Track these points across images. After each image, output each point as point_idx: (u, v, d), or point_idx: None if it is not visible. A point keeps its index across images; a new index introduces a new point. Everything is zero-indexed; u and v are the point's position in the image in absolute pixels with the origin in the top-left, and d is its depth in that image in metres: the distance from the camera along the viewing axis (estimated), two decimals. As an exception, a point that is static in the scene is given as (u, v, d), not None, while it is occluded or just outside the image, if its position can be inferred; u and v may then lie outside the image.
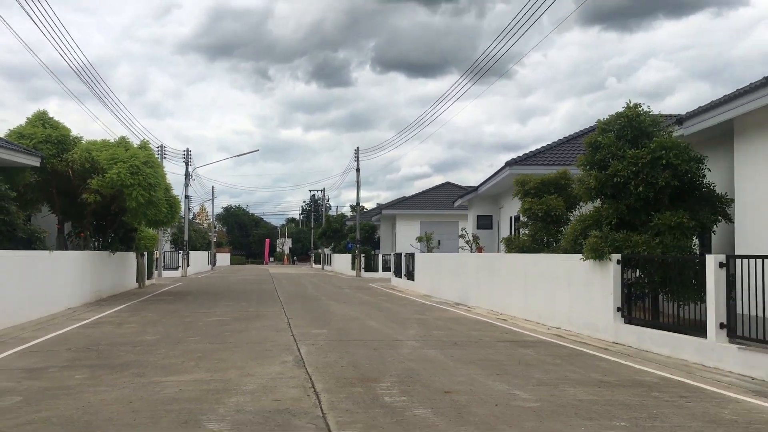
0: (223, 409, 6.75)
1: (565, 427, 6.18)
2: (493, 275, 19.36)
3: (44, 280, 16.68)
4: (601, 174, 13.42)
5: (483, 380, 8.39)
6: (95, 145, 22.36)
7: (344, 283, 35.55)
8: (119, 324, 14.73)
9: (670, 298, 11.49)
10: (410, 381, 8.24)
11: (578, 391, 7.76)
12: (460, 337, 12.86)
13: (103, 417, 6.43)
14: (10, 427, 6.08)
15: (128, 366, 9.31)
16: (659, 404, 7.17)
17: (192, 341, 11.84)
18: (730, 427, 6.30)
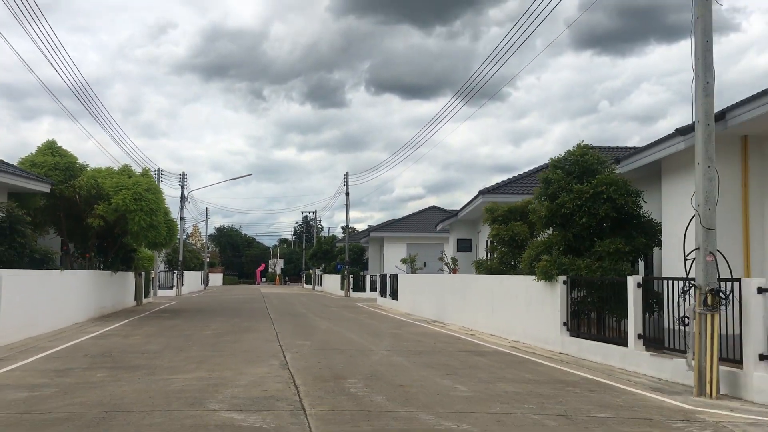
0: (221, 396, 8.55)
1: (485, 407, 8.02)
2: (465, 295, 21.21)
3: (55, 297, 18.41)
4: (552, 205, 15.34)
5: (434, 378, 10.21)
6: (100, 172, 24.20)
7: (332, 302, 37.28)
8: (125, 336, 16.47)
9: (607, 313, 13.37)
10: (374, 378, 10.05)
11: (508, 386, 9.59)
12: (426, 348, 14.68)
13: (127, 401, 8.21)
14: (59, 407, 7.86)
15: (140, 368, 11.07)
16: (568, 395, 9.02)
17: (192, 350, 13.61)
18: (614, 409, 8.15)
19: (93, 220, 22.76)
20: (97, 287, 23.12)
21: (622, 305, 12.62)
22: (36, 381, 9.80)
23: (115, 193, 22.39)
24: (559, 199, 15.12)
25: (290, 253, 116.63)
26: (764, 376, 8.77)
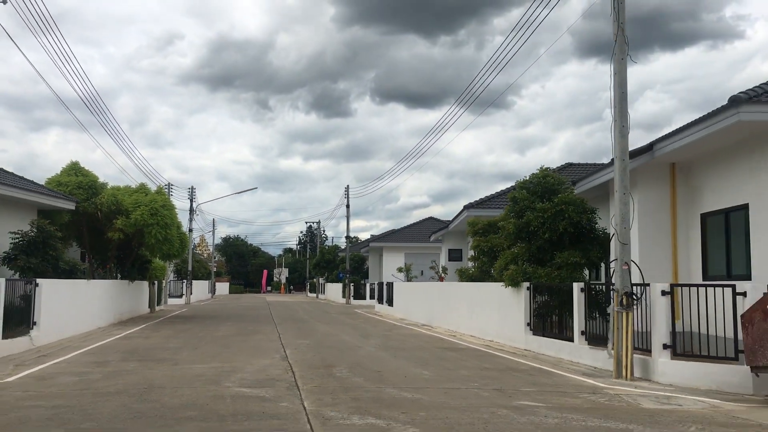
0: (233, 378, 10.80)
1: (439, 385, 10.25)
2: (449, 301, 23.44)
3: (82, 303, 20.71)
4: (518, 222, 17.57)
5: (406, 367, 12.45)
6: (119, 190, 26.58)
7: (333, 309, 39.52)
8: (146, 338, 18.75)
9: (562, 314, 15.56)
10: (357, 367, 12.30)
11: (465, 372, 11.82)
12: (409, 346, 16.91)
13: (159, 382, 10.45)
14: (108, 385, 10.13)
15: (164, 360, 13.34)
16: (510, 377, 11.25)
17: (206, 347, 15.87)
18: (541, 386, 10.36)
19: (113, 234, 25.08)
20: (116, 295, 25.43)
21: (572, 307, 14.84)
22: (82, 369, 12.06)
23: (134, 210, 24.73)
24: (525, 217, 17.34)
25: (295, 262, 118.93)
26: (667, 362, 10.97)
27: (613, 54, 11.73)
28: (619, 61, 11.70)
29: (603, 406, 8.77)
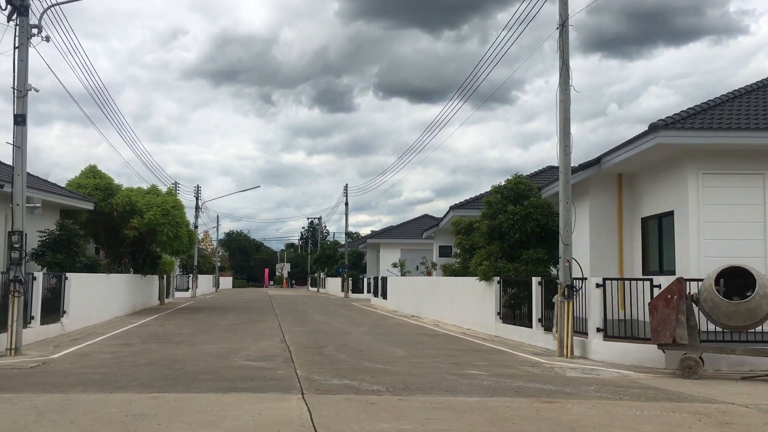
0: (240, 355, 13.08)
1: (408, 360, 12.52)
2: (435, 293, 25.72)
3: (103, 295, 23.02)
4: (492, 223, 19.82)
5: (385, 348, 14.74)
6: (133, 191, 28.86)
7: (331, 302, 41.84)
8: (161, 325, 21.06)
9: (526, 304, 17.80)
10: (343, 347, 14.58)
11: (433, 351, 14.10)
12: (393, 332, 19.20)
13: (179, 357, 12.73)
14: (137, 360, 12.42)
15: (181, 342, 15.63)
16: (470, 355, 13.52)
17: (216, 333, 18.17)
18: (492, 361, 12.63)
19: (128, 232, 27.37)
20: (131, 288, 27.75)
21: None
22: (112, 349, 14.36)
23: (147, 210, 27.02)
24: (498, 219, 19.60)
25: (297, 257, 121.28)
26: (600, 342, 13.22)
27: (559, 85, 13.95)
28: (564, 90, 13.92)
29: (534, 375, 11.05)
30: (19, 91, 13.79)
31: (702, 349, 11.32)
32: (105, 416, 7.25)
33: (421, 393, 8.95)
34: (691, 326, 11.25)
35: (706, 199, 13.52)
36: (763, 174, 13.53)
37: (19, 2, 13.69)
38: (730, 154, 13.56)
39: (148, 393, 8.71)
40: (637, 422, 7.29)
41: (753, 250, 13.37)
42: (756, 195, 13.49)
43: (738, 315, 10.76)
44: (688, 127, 13.17)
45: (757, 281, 10.64)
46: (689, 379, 10.84)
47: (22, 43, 13.85)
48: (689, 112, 13.96)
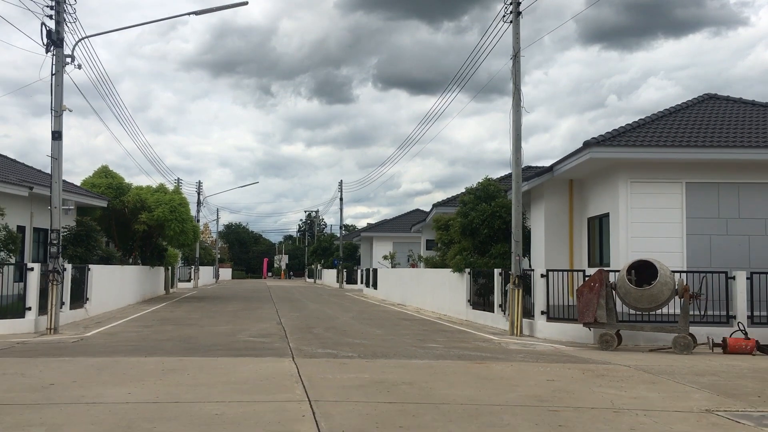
0: (243, 334, 15.69)
1: (382, 337, 15.15)
2: (418, 284, 28.36)
3: (118, 284, 25.62)
4: (464, 220, 22.43)
5: (366, 328, 17.37)
6: (142, 189, 31.42)
7: (326, 292, 44.49)
8: (171, 312, 23.67)
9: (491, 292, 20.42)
10: (330, 328, 17.21)
11: (407, 331, 16.73)
12: (377, 317, 21.84)
13: (192, 335, 15.33)
14: (159, 338, 15.04)
15: (192, 324, 18.25)
16: (435, 333, 16.15)
17: (221, 317, 20.79)
18: (452, 338, 15.26)
19: (138, 227, 29.96)
20: (141, 278, 30.36)
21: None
22: (135, 329, 16.97)
23: (156, 207, 29.60)
24: (470, 216, 22.22)
25: (295, 249, 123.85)
26: (543, 323, 15.84)
27: (512, 107, 16.52)
28: (516, 111, 16.49)
29: (481, 347, 13.68)
30: (56, 111, 16.34)
31: (618, 327, 13.97)
32: (146, 370, 9.86)
33: (384, 358, 11.58)
34: (609, 309, 13.89)
35: (634, 203, 16.12)
36: (681, 182, 16.12)
37: (56, 36, 16.22)
38: (654, 165, 16.15)
39: (174, 357, 11.34)
40: (535, 374, 9.91)
41: (672, 246, 15.98)
42: (675, 200, 16.09)
43: (644, 299, 13.39)
44: (615, 144, 15.77)
45: (659, 272, 13.26)
46: (606, 351, 13.47)
47: (58, 71, 16.39)
48: (620, 130, 16.57)
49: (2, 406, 7.33)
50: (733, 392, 8.71)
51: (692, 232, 16.03)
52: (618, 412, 7.37)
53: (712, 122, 17.51)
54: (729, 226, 16.06)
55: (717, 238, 16.04)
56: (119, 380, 9.02)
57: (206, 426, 6.47)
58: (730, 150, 15.88)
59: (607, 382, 9.39)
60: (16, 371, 9.72)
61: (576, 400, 8.04)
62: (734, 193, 16.13)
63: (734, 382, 9.58)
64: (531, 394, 8.34)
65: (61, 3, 16.39)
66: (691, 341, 13.23)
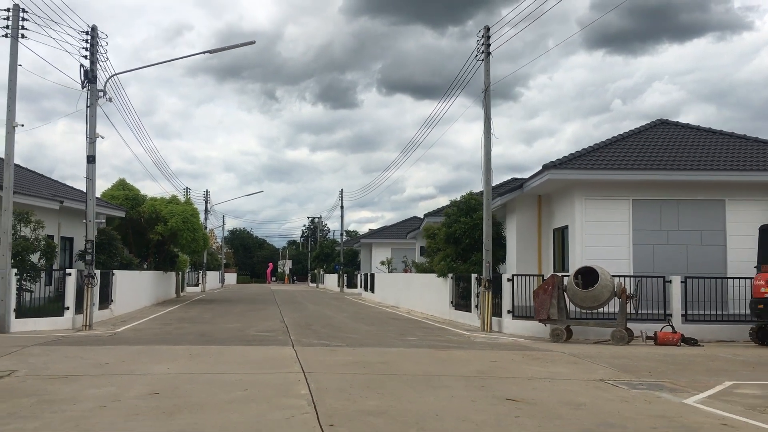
0: (251, 330, 18.31)
1: (370, 331, 17.75)
2: (409, 287, 30.96)
3: (137, 288, 28.27)
4: (448, 230, 25.02)
5: (358, 326, 19.98)
6: (156, 201, 34.10)
7: (327, 296, 47.10)
8: (185, 312, 26.31)
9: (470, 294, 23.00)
10: (327, 325, 19.82)
11: (393, 327, 19.34)
12: (369, 317, 24.44)
13: (208, 331, 17.94)
14: (179, 333, 17.67)
15: (206, 323, 20.86)
16: (417, 330, 18.74)
17: (230, 317, 23.42)
18: (430, 332, 17.85)
19: (154, 236, 32.63)
20: (155, 283, 33.02)
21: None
22: (157, 326, 19.59)
23: (170, 217, 32.28)
24: (453, 227, 24.81)
25: (298, 254, 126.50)
26: (510, 321, 18.41)
27: (483, 134, 19.12)
28: (486, 138, 19.11)
29: (451, 340, 16.27)
30: (90, 139, 19.02)
31: (568, 323, 16.56)
32: (176, 354, 12.48)
33: (368, 347, 14.19)
34: (560, 307, 16.47)
35: (588, 217, 18.71)
36: (628, 199, 18.72)
37: (91, 75, 18.91)
38: (604, 185, 18.74)
39: (197, 345, 13.98)
40: (485, 358, 12.51)
41: (620, 255, 18.56)
42: (623, 214, 18.67)
43: (588, 299, 15.98)
44: (570, 167, 18.39)
45: (600, 276, 15.84)
46: (556, 343, 16.04)
47: (92, 104, 19.07)
48: (576, 154, 19.19)
49: (77, 376, 9.95)
50: (632, 369, 11.29)
51: (638, 242, 18.63)
52: (531, 379, 9.97)
53: (660, 146, 20.12)
54: (669, 237, 18.66)
55: (659, 248, 18.63)
56: (157, 360, 11.65)
57: (230, 385, 9.09)
58: (669, 172, 18.49)
59: (538, 362, 11.99)
60: (75, 355, 12.36)
61: (505, 372, 10.64)
62: (674, 209, 18.72)
63: (639, 363, 12.16)
64: (474, 369, 10.95)
65: (95, 45, 19.08)
66: (626, 334, 15.80)
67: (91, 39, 19.11)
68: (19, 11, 17.61)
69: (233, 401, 8.03)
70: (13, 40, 17.51)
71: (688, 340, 15.97)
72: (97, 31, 19.23)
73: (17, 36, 17.52)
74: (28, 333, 16.89)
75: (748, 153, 19.43)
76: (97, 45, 19.16)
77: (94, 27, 19.24)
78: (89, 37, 19.12)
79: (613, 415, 7.62)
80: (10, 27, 17.54)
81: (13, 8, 17.64)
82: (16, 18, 17.60)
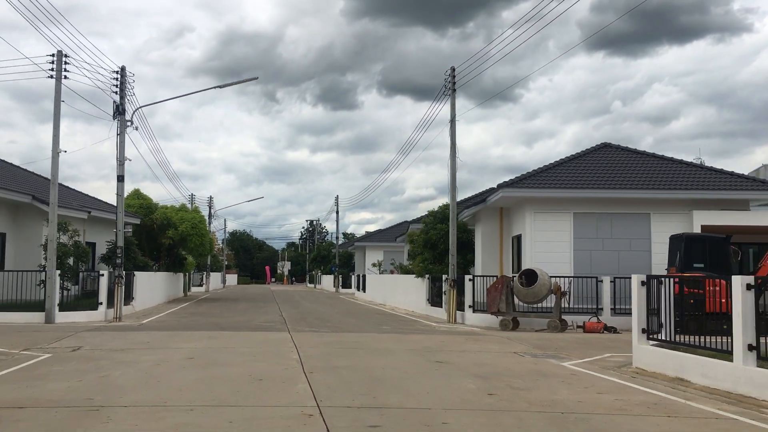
0: (254, 322, 21.97)
1: (353, 322, 21.43)
2: (395, 287, 34.64)
3: (152, 287, 31.93)
4: (426, 236, 28.70)
5: (345, 319, 23.66)
6: (167, 209, 37.82)
7: (323, 295, 50.79)
8: (196, 308, 29.97)
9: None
10: (319, 319, 23.50)
11: (374, 320, 23.02)
12: (356, 312, 28.12)
13: (219, 322, 21.59)
14: (194, 323, 21.34)
15: (216, 316, 24.52)
16: (393, 321, 22.43)
17: (236, 312, 27.09)
18: (403, 324, 21.53)
19: (165, 240, 36.30)
20: (167, 283, 36.70)
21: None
22: (175, 319, 23.23)
23: (180, 224, 35.97)
24: (429, 234, 28.49)
25: (297, 256, 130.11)
26: (471, 314, 22.06)
27: (450, 158, 22.81)
28: (452, 162, 22.83)
29: (419, 329, 19.93)
30: (119, 161, 22.69)
31: (514, 315, 20.23)
32: (198, 337, 16.13)
33: (347, 332, 17.86)
34: (508, 302, 20.15)
35: (537, 227, 22.38)
36: (570, 212, 22.39)
37: (121, 108, 22.58)
38: (550, 201, 22.42)
39: (213, 331, 17.66)
40: (437, 340, 16.16)
41: (563, 259, 22.22)
42: (566, 225, 22.34)
43: (530, 296, 19.64)
44: (521, 186, 22.09)
45: (538, 277, 19.50)
46: (504, 331, 19.69)
47: (121, 132, 22.72)
48: (527, 174, 22.89)
49: (130, 349, 13.61)
50: (544, 347, 14.95)
51: (578, 249, 22.31)
52: (462, 352, 13.65)
53: (600, 168, 23.81)
54: (604, 245, 22.35)
55: (595, 253, 22.31)
56: (185, 340, 15.33)
57: (243, 354, 12.76)
58: (605, 191, 22.19)
59: (476, 342, 15.67)
60: (120, 337, 16.04)
61: (446, 348, 14.32)
62: (608, 221, 22.41)
63: (554, 343, 15.82)
64: (423, 346, 14.63)
65: (124, 83, 22.76)
66: (559, 324, 19.47)
67: (121, 77, 22.80)
68: (62, 57, 21.29)
69: (247, 362, 11.72)
70: (57, 82, 21.20)
71: (609, 328, 19.65)
72: (126, 71, 22.93)
73: (60, 78, 21.20)
74: (70, 323, 20.50)
75: (672, 173, 23.13)
76: (125, 82, 22.83)
77: (123, 67, 22.96)
78: (119, 75, 22.81)
79: (503, 369, 11.30)
80: (55, 70, 21.23)
81: (57, 54, 21.32)
82: (59, 62, 21.27)
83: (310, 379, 9.84)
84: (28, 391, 8.89)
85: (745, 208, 22.40)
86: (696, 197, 21.98)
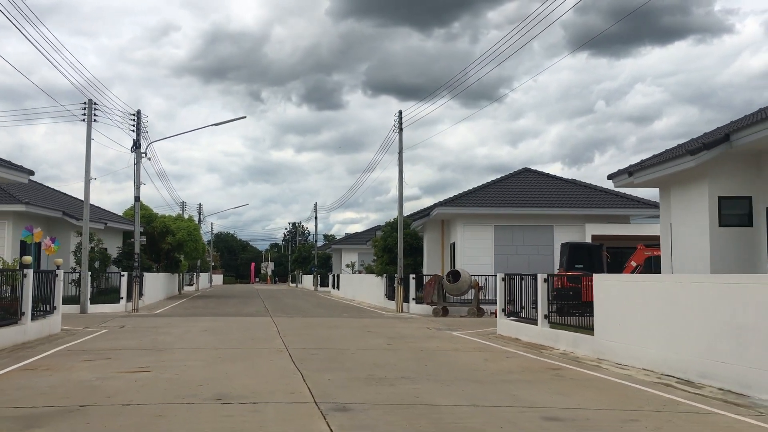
0: (244, 311, 27.99)
1: (324, 314, 27.56)
2: (361, 285, 40.81)
3: (154, 286, 37.80)
4: (384, 242, 34.86)
5: (314, 309, 29.77)
6: (165, 218, 43.68)
7: (302, 293, 56.81)
8: (193, 303, 35.90)
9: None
10: (294, 309, 29.60)
11: (338, 310, 29.18)
12: (326, 305, 34.23)
13: (216, 313, 27.60)
14: (197, 312, 27.35)
15: (212, 308, 30.49)
16: (353, 310, 28.57)
17: (227, 306, 33.07)
18: (361, 313, 27.67)
19: (164, 245, 42.15)
20: (166, 282, 42.57)
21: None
22: (180, 311, 29.16)
23: (178, 232, 41.86)
24: (387, 240, 34.66)
25: (280, 256, 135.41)
26: (414, 305, 28.21)
27: (399, 182, 28.96)
28: (400, 185, 28.97)
29: (371, 315, 26.05)
30: (136, 185, 28.62)
31: (444, 305, 26.43)
32: (205, 320, 22.14)
33: (313, 317, 23.97)
34: (439, 295, 26.35)
35: (466, 237, 28.60)
36: (491, 225, 28.63)
37: (138, 143, 28.50)
38: (476, 216, 28.65)
39: (214, 317, 23.69)
40: (378, 322, 22.30)
41: (486, 262, 28.45)
42: (488, 235, 28.58)
43: (455, 290, 25.85)
44: (452, 205, 28.31)
45: (461, 275, 25.70)
46: (437, 317, 25.87)
47: (136, 162, 28.64)
48: (458, 195, 29.14)
49: (160, 327, 19.59)
50: (452, 325, 21.11)
51: (498, 254, 28.58)
52: (390, 327, 19.82)
53: (518, 189, 30.10)
54: (518, 250, 28.63)
55: (511, 257, 28.59)
56: (196, 322, 21.35)
57: (239, 329, 18.84)
58: (519, 208, 28.47)
59: (406, 323, 21.84)
60: (148, 321, 22.01)
61: (382, 325, 20.48)
62: (521, 232, 28.70)
63: (461, 323, 21.99)
64: (363, 324, 20.77)
65: (139, 124, 28.68)
66: (476, 311, 25.69)
67: (137, 119, 28.73)
68: (92, 105, 27.17)
69: (243, 331, 17.82)
70: (87, 126, 27.08)
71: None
72: (141, 113, 28.86)
73: (91, 122, 27.09)
74: (99, 313, 26.38)
75: (573, 193, 29.50)
76: (140, 123, 28.76)
77: (138, 111, 28.91)
78: (135, 117, 28.74)
79: (408, 334, 17.47)
80: (86, 116, 27.11)
81: (88, 102, 27.20)
82: (90, 109, 27.16)
83: (283, 339, 15.96)
84: (114, 343, 14.91)
85: (626, 221, 28.83)
86: (588, 213, 28.35)
